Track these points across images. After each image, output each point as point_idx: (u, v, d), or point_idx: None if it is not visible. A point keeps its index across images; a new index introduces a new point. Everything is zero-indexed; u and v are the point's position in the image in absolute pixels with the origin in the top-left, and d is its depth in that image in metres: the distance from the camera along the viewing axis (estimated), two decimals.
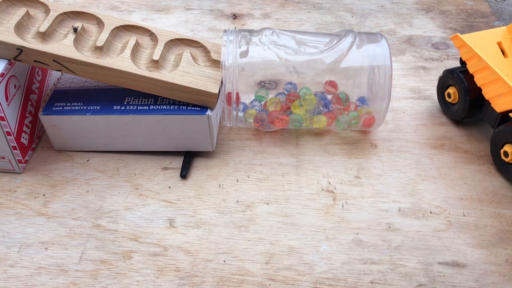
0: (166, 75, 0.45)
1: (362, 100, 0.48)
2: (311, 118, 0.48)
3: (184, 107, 0.45)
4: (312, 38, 0.49)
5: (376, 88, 0.46)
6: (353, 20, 0.71)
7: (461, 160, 0.48)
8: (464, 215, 0.43)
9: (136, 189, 0.45)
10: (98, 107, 0.46)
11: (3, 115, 0.43)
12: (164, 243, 0.41)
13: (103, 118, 0.45)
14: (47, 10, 0.47)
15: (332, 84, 0.47)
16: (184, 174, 0.46)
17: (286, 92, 0.48)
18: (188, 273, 0.38)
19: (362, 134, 0.51)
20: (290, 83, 0.48)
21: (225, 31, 0.47)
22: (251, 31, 0.48)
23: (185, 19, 0.70)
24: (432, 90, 0.57)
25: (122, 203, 0.44)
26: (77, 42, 0.45)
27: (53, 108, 0.46)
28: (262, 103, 0.49)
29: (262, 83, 0.49)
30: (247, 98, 0.56)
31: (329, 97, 0.48)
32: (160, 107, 0.45)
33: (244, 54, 0.46)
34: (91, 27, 0.47)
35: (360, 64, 0.46)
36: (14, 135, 0.45)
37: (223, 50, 0.46)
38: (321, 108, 0.48)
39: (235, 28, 0.48)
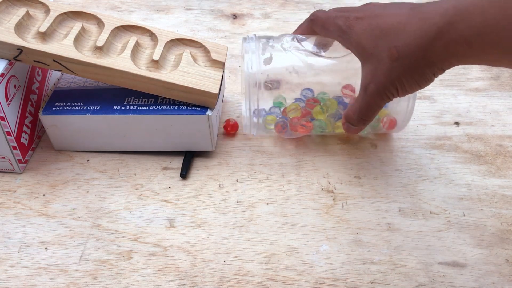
0: (166, 75, 0.45)
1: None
2: (334, 123, 0.48)
3: (184, 107, 0.45)
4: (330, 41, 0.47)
5: None
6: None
7: (461, 160, 0.48)
8: (464, 215, 0.43)
9: (136, 189, 0.45)
10: (98, 107, 0.46)
11: (3, 115, 0.43)
12: (164, 243, 0.41)
13: (103, 118, 0.45)
14: (47, 10, 0.47)
15: (350, 87, 0.46)
16: (184, 174, 0.46)
17: (304, 98, 0.47)
18: (188, 273, 0.38)
19: None
20: (308, 88, 0.47)
21: (244, 38, 0.47)
22: (268, 38, 0.47)
23: (185, 19, 0.71)
24: (432, 90, 0.57)
25: (122, 203, 0.44)
26: (77, 42, 0.45)
27: (53, 108, 0.46)
28: (281, 109, 0.48)
29: (266, 83, 0.49)
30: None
31: (347, 100, 0.47)
32: (160, 107, 0.45)
33: (268, 61, 0.45)
34: (91, 27, 0.47)
35: None
36: (14, 135, 0.45)
37: (246, 57, 0.44)
38: (341, 112, 0.47)
39: (255, 35, 0.47)
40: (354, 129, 0.42)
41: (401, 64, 0.35)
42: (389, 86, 0.36)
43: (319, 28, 0.43)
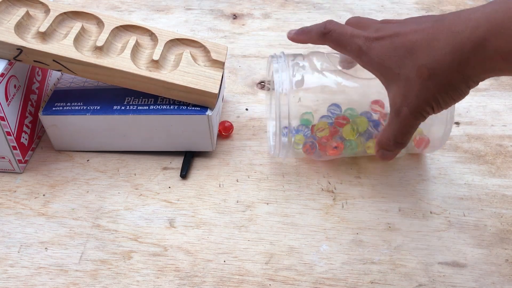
0: (166, 75, 0.45)
1: None
2: (364, 143, 0.45)
3: (184, 107, 0.45)
4: None
5: None
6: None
7: (461, 160, 0.48)
8: (464, 215, 0.43)
9: (136, 189, 0.45)
10: (98, 107, 0.46)
11: (3, 115, 0.43)
12: (164, 243, 0.41)
13: (103, 118, 0.45)
14: (47, 10, 0.47)
15: (379, 103, 0.44)
16: (184, 174, 0.46)
17: (331, 115, 0.44)
18: (188, 273, 0.38)
19: None
20: (335, 104, 0.44)
21: (272, 57, 0.44)
22: (295, 56, 0.44)
23: (185, 19, 0.71)
24: None
25: (122, 203, 0.44)
26: (77, 42, 0.45)
27: (53, 108, 0.46)
28: (309, 127, 0.45)
29: (262, 83, 0.49)
30: (246, 99, 0.56)
31: (376, 117, 0.45)
32: (160, 107, 0.45)
33: (300, 83, 0.43)
34: (91, 27, 0.47)
35: None
36: (14, 135, 0.45)
37: (276, 78, 0.42)
38: (370, 129, 0.44)
39: (283, 53, 0.44)
40: (390, 154, 0.39)
41: (435, 83, 0.33)
42: (424, 106, 0.35)
43: (333, 44, 0.40)
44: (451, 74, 0.33)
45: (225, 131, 0.50)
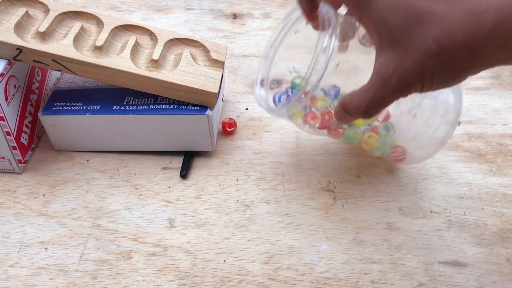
0: (165, 74, 0.45)
1: (386, 127, 0.42)
2: (362, 135, 0.43)
3: (184, 107, 0.45)
4: None
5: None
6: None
7: (462, 159, 0.48)
8: (464, 214, 0.43)
9: (136, 189, 0.45)
10: (98, 107, 0.46)
11: (3, 115, 0.43)
12: (164, 243, 0.41)
13: (103, 118, 0.45)
14: (46, 10, 0.47)
15: None
16: (184, 174, 0.46)
17: (329, 97, 0.42)
18: (188, 273, 0.38)
19: None
20: (335, 86, 0.41)
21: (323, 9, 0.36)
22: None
23: (185, 19, 0.70)
24: None
25: (122, 203, 0.44)
26: (76, 42, 0.45)
27: (53, 108, 0.46)
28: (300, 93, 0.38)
29: (262, 82, 0.49)
30: (246, 98, 0.56)
31: None
32: (160, 107, 0.45)
33: (344, 48, 0.37)
34: (91, 27, 0.47)
35: None
36: (14, 135, 0.45)
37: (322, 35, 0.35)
38: (370, 124, 0.42)
39: (331, 9, 0.36)
40: (349, 118, 0.35)
41: (440, 62, 0.29)
42: (416, 82, 0.30)
43: None
44: (460, 58, 0.29)
45: (230, 127, 0.50)
